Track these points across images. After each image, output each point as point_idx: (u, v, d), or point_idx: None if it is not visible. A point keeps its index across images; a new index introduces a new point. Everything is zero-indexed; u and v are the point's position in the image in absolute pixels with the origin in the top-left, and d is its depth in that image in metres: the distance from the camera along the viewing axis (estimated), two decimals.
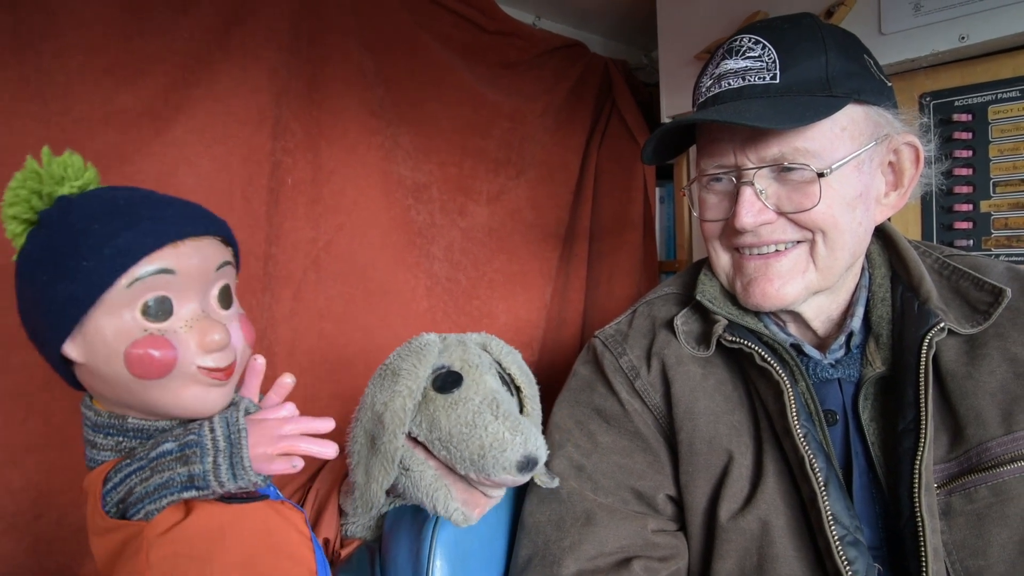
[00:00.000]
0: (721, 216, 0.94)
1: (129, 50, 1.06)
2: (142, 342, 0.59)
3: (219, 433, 0.62)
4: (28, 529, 0.99)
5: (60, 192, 0.62)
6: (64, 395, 1.01)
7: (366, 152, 1.38)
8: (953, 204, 1.28)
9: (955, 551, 0.81)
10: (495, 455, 0.81)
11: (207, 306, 0.64)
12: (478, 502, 0.87)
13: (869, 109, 0.88)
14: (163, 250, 0.60)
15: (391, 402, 0.83)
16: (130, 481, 0.60)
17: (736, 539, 0.88)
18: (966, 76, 1.26)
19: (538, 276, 1.75)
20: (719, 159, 0.91)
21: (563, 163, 1.81)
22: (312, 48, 1.30)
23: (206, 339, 0.62)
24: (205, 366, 0.62)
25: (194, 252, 0.62)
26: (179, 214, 0.63)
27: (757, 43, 0.88)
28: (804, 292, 0.90)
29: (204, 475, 0.60)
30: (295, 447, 0.63)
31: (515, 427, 0.82)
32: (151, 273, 0.59)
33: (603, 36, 2.02)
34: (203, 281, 0.64)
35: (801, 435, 0.85)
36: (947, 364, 0.87)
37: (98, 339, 0.59)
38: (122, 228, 0.59)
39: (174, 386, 0.62)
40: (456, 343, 0.93)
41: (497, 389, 0.88)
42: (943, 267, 0.94)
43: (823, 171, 0.85)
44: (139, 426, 0.64)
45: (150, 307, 0.60)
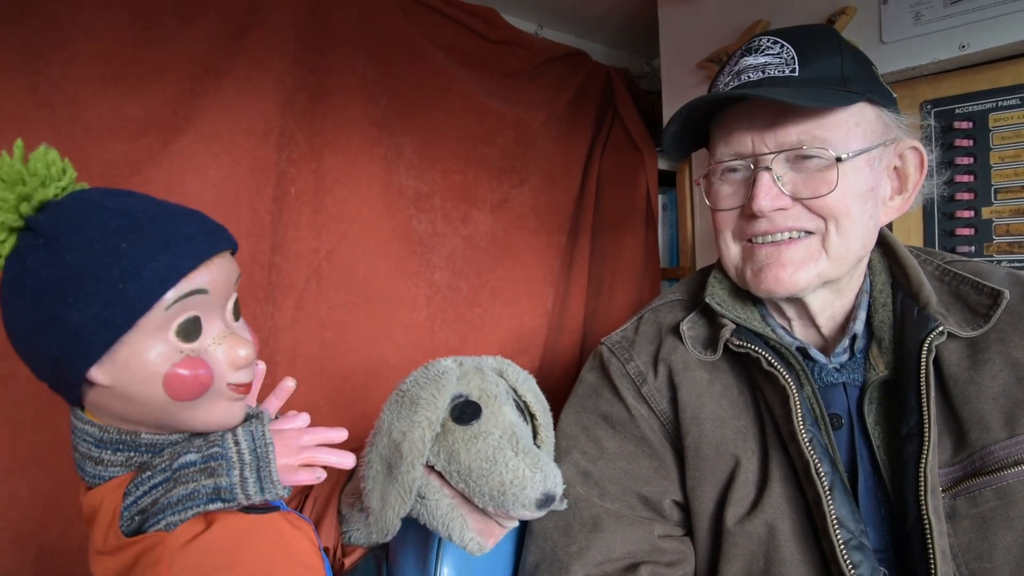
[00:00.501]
0: (736, 204, 0.94)
1: (137, 60, 1.07)
2: (182, 364, 0.59)
3: (244, 446, 0.62)
4: (33, 539, 0.99)
5: (45, 195, 0.59)
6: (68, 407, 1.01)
7: (368, 162, 1.39)
8: (955, 211, 1.29)
9: (961, 554, 0.82)
10: (515, 492, 0.81)
11: (226, 321, 0.64)
12: (493, 532, 0.87)
13: (879, 111, 0.91)
14: (199, 270, 0.59)
15: (410, 432, 0.83)
16: (154, 493, 0.60)
17: (743, 543, 0.88)
18: (967, 84, 1.27)
19: (541, 283, 1.75)
20: (736, 147, 0.93)
21: (566, 170, 1.82)
22: (317, 58, 1.31)
23: (235, 355, 0.62)
24: (234, 382, 0.63)
25: (221, 269, 0.62)
26: (204, 229, 0.62)
27: (776, 43, 0.91)
28: (816, 279, 0.91)
29: (231, 488, 0.60)
30: (316, 458, 0.64)
31: (535, 464, 0.82)
32: (188, 294, 0.58)
33: (605, 45, 2.03)
34: (225, 297, 0.64)
35: (806, 439, 0.85)
36: (949, 368, 0.87)
37: (133, 363, 0.58)
38: (156, 249, 0.57)
39: (206, 405, 0.62)
40: (474, 370, 0.92)
41: (515, 422, 0.87)
42: (943, 273, 0.95)
43: (841, 156, 0.86)
44: (152, 441, 0.63)
45: (185, 328, 0.59)
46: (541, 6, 1.73)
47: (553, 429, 0.95)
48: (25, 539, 0.98)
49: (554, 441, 0.96)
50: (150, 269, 0.56)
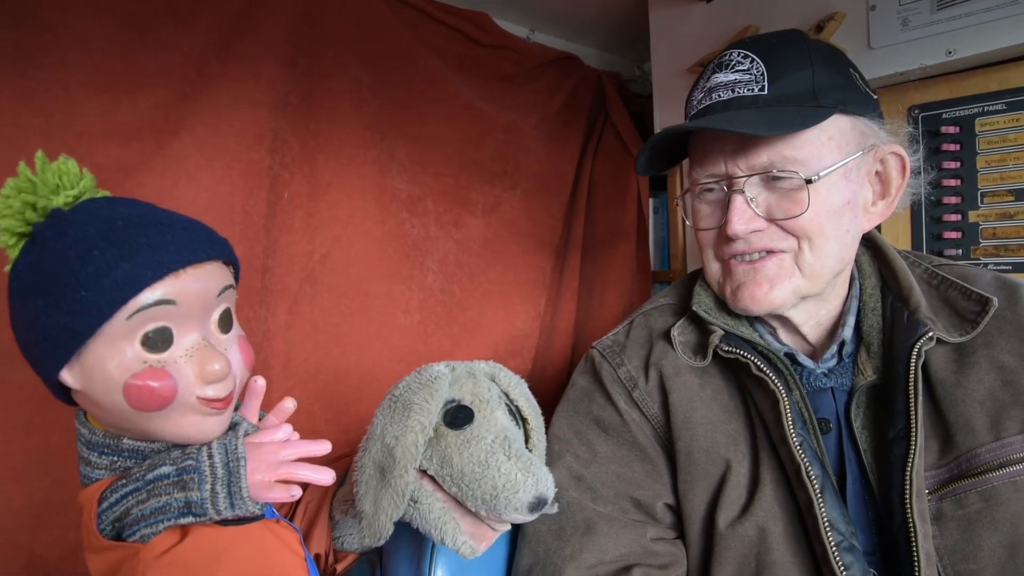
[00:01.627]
0: (714, 225, 0.95)
1: (129, 65, 1.07)
2: (142, 374, 0.58)
3: (217, 460, 0.61)
4: (26, 546, 0.99)
5: (55, 203, 0.60)
6: (65, 413, 1.00)
7: (361, 165, 1.39)
8: (942, 214, 1.30)
9: (947, 556, 0.83)
10: (507, 496, 0.81)
11: (207, 332, 0.63)
12: (485, 535, 0.87)
13: (855, 120, 0.90)
14: (164, 280, 0.59)
15: (403, 437, 0.83)
16: (126, 502, 0.60)
17: (734, 546, 0.89)
18: (953, 89, 1.28)
19: (533, 286, 1.76)
20: (711, 168, 0.93)
21: (558, 174, 1.82)
22: (310, 62, 1.31)
23: (206, 369, 0.61)
24: (205, 396, 0.61)
25: (195, 280, 0.61)
26: (180, 239, 0.61)
27: (746, 57, 0.91)
28: (792, 296, 0.92)
29: (202, 503, 0.59)
30: (293, 474, 0.63)
31: (527, 468, 0.82)
32: (151, 304, 0.58)
33: (596, 49, 2.04)
34: (204, 308, 0.62)
35: (797, 443, 0.86)
36: (937, 372, 0.88)
37: (96, 370, 0.58)
38: (120, 257, 0.57)
39: (174, 416, 0.61)
40: (466, 375, 0.92)
41: (508, 426, 0.88)
42: (932, 277, 0.96)
43: (811, 178, 0.86)
44: (134, 447, 0.63)
45: (150, 338, 0.59)
46: (533, 10, 1.74)
47: (545, 433, 0.96)
48: (17, 546, 0.98)
49: (546, 445, 0.96)
50: (110, 278, 0.56)
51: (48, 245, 0.58)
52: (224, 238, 0.67)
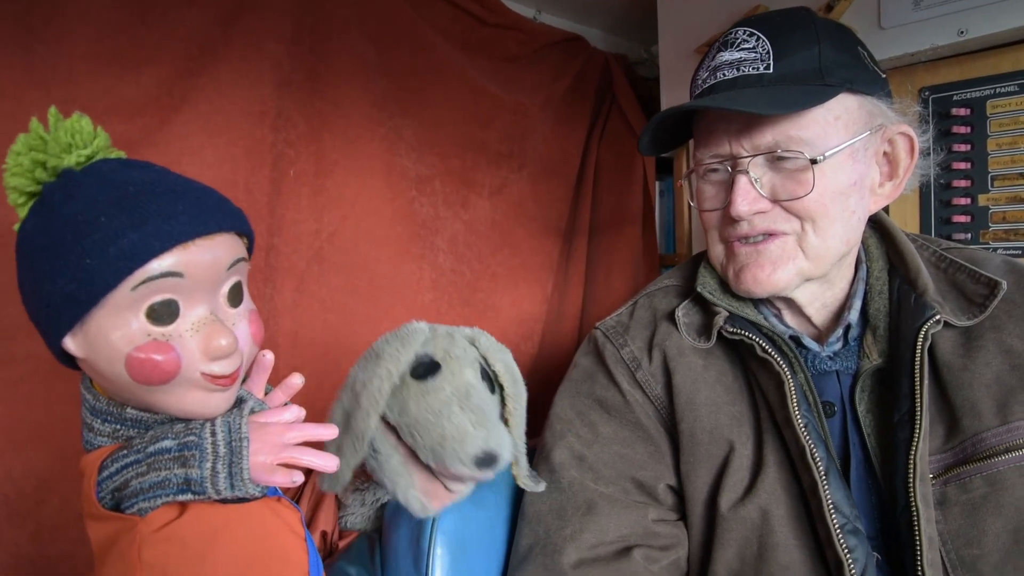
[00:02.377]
0: (718, 206, 0.94)
1: (132, 40, 1.06)
2: (145, 347, 0.56)
3: (220, 438, 0.59)
4: (30, 516, 0.99)
5: (66, 162, 0.59)
6: (65, 384, 1.01)
7: (369, 143, 1.38)
8: (951, 198, 1.29)
9: (950, 540, 0.82)
10: (454, 446, 0.81)
11: (216, 306, 0.61)
12: (437, 493, 0.86)
13: (863, 99, 0.89)
14: (172, 251, 0.56)
15: (369, 383, 0.83)
16: (126, 473, 0.58)
17: (737, 528, 0.89)
18: (965, 71, 1.27)
19: (540, 269, 1.76)
20: (715, 148, 0.92)
21: (564, 157, 1.81)
22: (315, 40, 1.30)
23: (212, 345, 0.59)
24: (209, 372, 0.60)
25: (205, 252, 0.59)
26: (192, 209, 0.59)
27: (752, 35, 0.89)
28: (796, 278, 0.91)
29: (201, 481, 0.58)
30: (296, 459, 0.61)
31: (480, 421, 0.82)
32: (157, 276, 0.56)
33: (603, 30, 2.02)
34: (213, 281, 0.60)
35: (801, 424, 0.86)
36: (943, 356, 0.87)
37: (99, 340, 0.57)
38: (129, 226, 0.55)
39: (177, 391, 0.59)
40: (444, 335, 0.92)
41: (473, 383, 0.87)
42: (940, 260, 0.95)
43: (816, 158, 0.85)
44: (137, 417, 0.62)
45: (155, 310, 0.57)
46: None
47: (525, 405, 0.95)
48: (23, 515, 0.99)
49: (524, 416, 0.96)
50: (117, 247, 0.54)
51: (56, 208, 0.57)
52: (239, 208, 0.65)
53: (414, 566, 0.93)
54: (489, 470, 0.83)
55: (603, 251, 1.90)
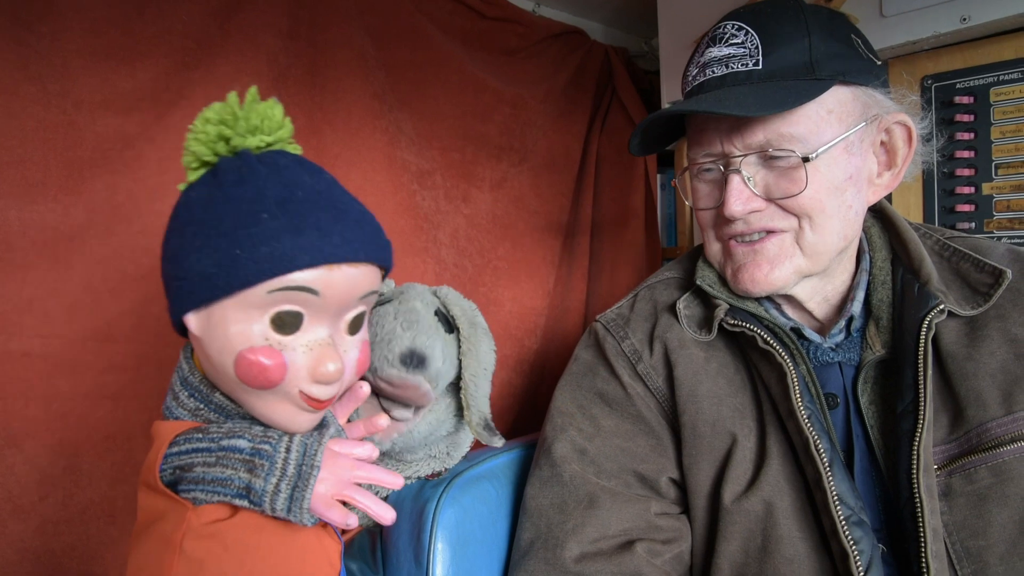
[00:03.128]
0: (713, 204, 0.94)
1: (128, 33, 1.05)
2: (259, 350, 0.57)
3: (293, 457, 0.59)
4: (34, 511, 0.99)
5: (248, 143, 0.60)
6: (65, 381, 1.02)
7: (370, 136, 1.38)
8: (955, 187, 1.28)
9: (956, 532, 0.81)
10: (381, 348, 0.82)
11: (335, 330, 0.62)
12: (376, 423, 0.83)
13: (856, 90, 0.88)
14: (318, 268, 0.57)
15: None
16: (194, 457, 0.59)
17: (740, 521, 0.88)
18: (968, 58, 1.25)
19: (542, 263, 1.75)
20: (707, 148, 0.92)
21: (565, 150, 1.80)
22: (312, 33, 1.29)
23: (320, 368, 0.59)
24: (308, 393, 0.60)
25: (345, 278, 0.59)
26: (348, 233, 0.60)
27: (740, 29, 0.88)
28: (794, 276, 0.90)
29: (262, 493, 0.58)
30: (355, 499, 0.61)
31: (409, 324, 0.83)
32: (296, 287, 0.57)
33: (603, 23, 2.01)
34: (342, 307, 0.61)
35: (805, 416, 0.85)
36: (947, 346, 0.87)
37: (219, 328, 0.57)
38: (285, 231, 0.56)
39: (270, 400, 0.60)
40: (408, 286, 0.95)
41: (419, 309, 0.89)
42: (943, 249, 0.94)
43: (808, 155, 0.84)
44: (222, 404, 0.63)
45: (281, 318, 0.58)
46: None
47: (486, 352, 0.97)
48: (26, 511, 0.99)
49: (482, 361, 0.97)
50: (269, 247, 0.55)
51: (226, 187, 0.58)
52: (389, 241, 0.65)
53: (415, 561, 0.93)
54: (418, 372, 0.83)
55: (605, 244, 1.89)
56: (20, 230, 0.98)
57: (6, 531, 0.97)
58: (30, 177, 0.98)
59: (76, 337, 1.03)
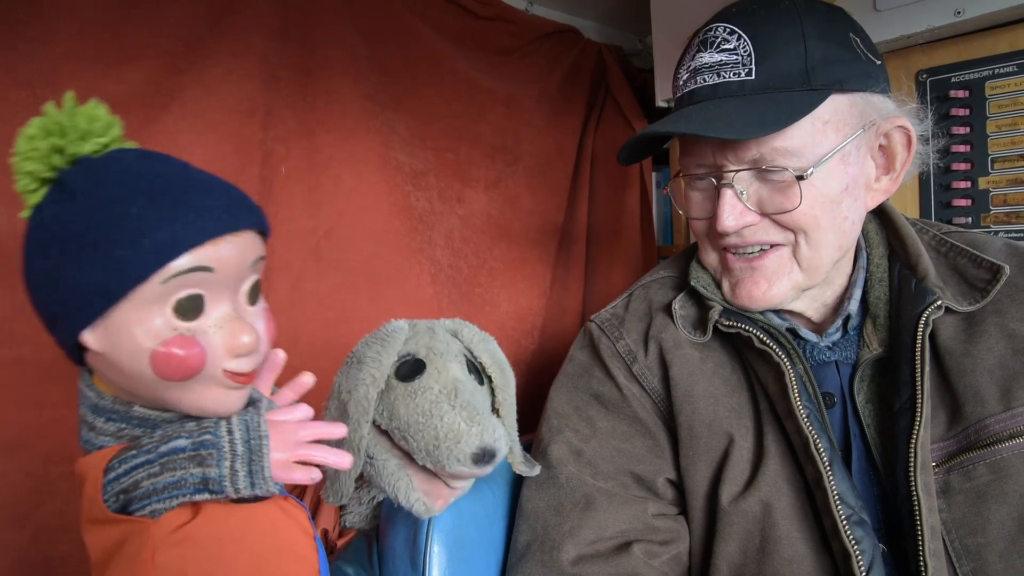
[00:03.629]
0: (706, 215, 0.92)
1: (117, 37, 1.05)
2: (171, 342, 0.55)
3: (238, 436, 0.58)
4: (29, 519, 0.99)
5: (83, 150, 0.57)
6: (56, 387, 1.00)
7: (363, 137, 1.37)
8: (951, 181, 1.28)
9: (954, 529, 0.81)
10: (449, 446, 0.79)
11: (237, 304, 0.61)
12: (440, 493, 0.85)
13: (854, 96, 0.85)
14: (204, 246, 0.56)
15: (354, 391, 0.82)
16: (136, 474, 0.57)
17: (738, 522, 0.87)
18: (963, 52, 1.25)
19: (538, 263, 1.74)
20: (698, 159, 0.90)
21: (559, 150, 1.80)
22: (303, 35, 1.28)
23: (236, 342, 0.58)
24: (231, 370, 0.59)
25: (232, 249, 0.58)
26: (221, 204, 0.58)
27: (732, 33, 0.86)
28: (792, 292, 0.90)
29: (220, 479, 0.57)
30: (312, 456, 0.61)
31: (472, 418, 0.80)
32: (188, 270, 0.55)
33: (596, 22, 2.01)
34: (238, 278, 0.60)
35: (804, 415, 0.84)
36: (945, 342, 0.86)
37: (123, 333, 0.55)
38: (163, 218, 0.54)
39: (197, 388, 0.58)
40: (425, 330, 0.90)
41: (460, 378, 0.86)
42: (940, 244, 0.93)
43: (802, 173, 0.82)
44: (145, 416, 0.61)
45: (183, 305, 0.56)
46: None
47: (514, 392, 0.94)
48: (21, 519, 0.98)
49: (514, 403, 0.95)
50: (151, 238, 0.53)
51: (79, 196, 0.55)
52: (259, 206, 0.64)
53: (411, 564, 0.92)
54: (488, 465, 0.82)
55: (602, 243, 1.89)
56: (11, 235, 0.98)
57: (1, 540, 0.96)
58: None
59: None
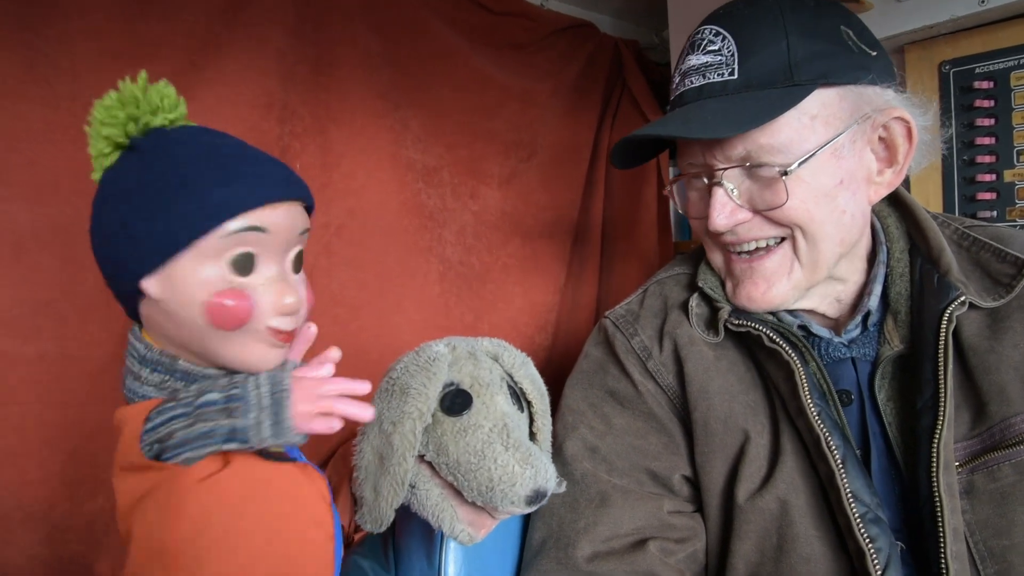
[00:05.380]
0: (703, 214, 0.91)
1: (134, 35, 1.06)
2: (224, 293, 0.61)
3: (264, 390, 0.62)
4: (44, 518, 1.00)
5: (154, 122, 0.63)
6: (78, 386, 1.02)
7: (375, 134, 1.37)
8: (975, 174, 1.25)
9: (978, 531, 0.79)
10: (504, 489, 0.79)
11: (283, 268, 0.66)
12: (484, 523, 0.85)
13: (843, 90, 0.83)
14: (262, 208, 0.62)
15: (400, 424, 0.81)
16: (172, 425, 0.61)
17: (755, 519, 0.86)
18: (987, 42, 1.22)
19: (552, 259, 1.74)
20: (690, 158, 0.90)
21: (575, 145, 1.79)
22: (318, 31, 1.29)
23: (281, 300, 0.64)
24: (273, 327, 0.64)
25: (285, 215, 0.64)
26: (276, 174, 0.65)
27: (717, 35, 0.85)
28: (793, 292, 0.88)
29: (246, 429, 0.60)
30: (334, 408, 0.64)
31: (525, 459, 0.80)
32: (246, 228, 0.61)
33: (612, 16, 1.99)
34: (286, 244, 0.66)
35: (815, 413, 0.83)
36: (968, 339, 0.84)
37: (181, 281, 0.60)
38: (224, 180, 0.61)
39: (241, 340, 0.63)
40: (467, 356, 0.89)
41: (508, 412, 0.85)
42: (963, 238, 0.91)
43: (786, 169, 0.81)
44: (188, 369, 0.65)
45: (238, 260, 0.61)
46: None
47: (551, 414, 0.93)
48: (36, 518, 0.99)
49: (559, 420, 0.94)
50: (217, 195, 0.60)
51: (150, 158, 0.62)
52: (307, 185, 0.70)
53: (427, 560, 0.92)
54: (538, 504, 0.82)
55: (617, 239, 1.88)
56: (32, 232, 0.99)
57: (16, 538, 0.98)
58: (40, 179, 0.99)
59: (91, 340, 1.03)
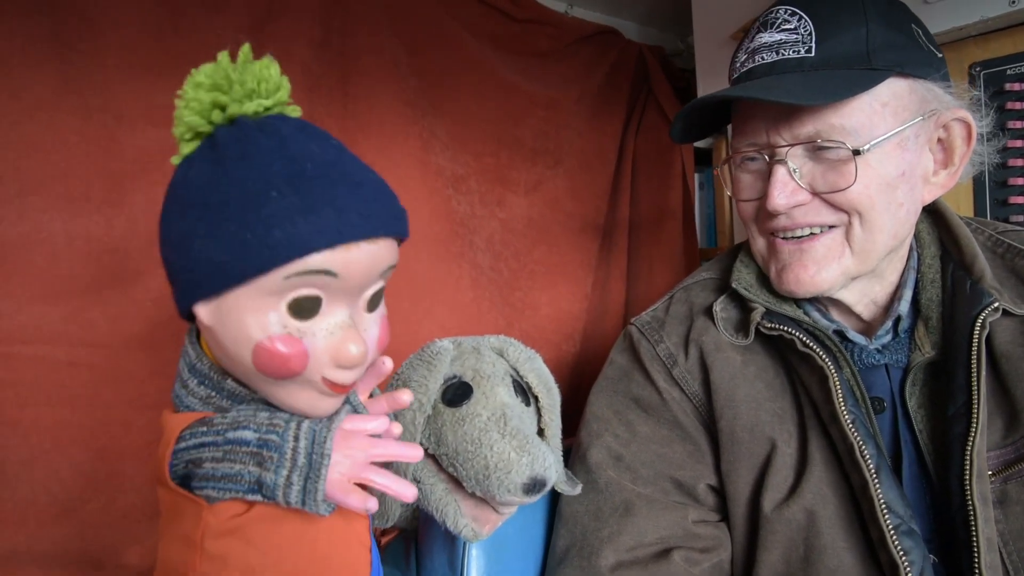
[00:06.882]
0: (755, 196, 0.90)
1: (164, 49, 1.08)
2: (277, 338, 0.53)
3: (302, 446, 0.55)
4: (76, 514, 1.02)
5: (245, 109, 0.55)
6: (108, 389, 1.04)
7: (404, 143, 1.38)
8: (1008, 178, 1.23)
9: (1012, 541, 0.78)
10: (499, 476, 0.78)
11: (355, 310, 0.58)
12: (488, 518, 0.85)
13: (914, 83, 0.83)
14: (335, 249, 0.53)
15: (401, 416, 0.81)
16: (202, 452, 0.56)
17: (781, 530, 0.85)
18: (1018, 43, 1.20)
19: (579, 267, 1.73)
20: (751, 137, 0.88)
21: (600, 152, 1.78)
22: (343, 42, 1.30)
23: (343, 353, 0.56)
24: (331, 379, 0.57)
25: (364, 255, 0.55)
26: (364, 208, 0.55)
27: (793, 15, 0.85)
28: (841, 278, 0.87)
29: (274, 487, 0.55)
30: (372, 480, 0.58)
31: (522, 447, 0.79)
32: (313, 271, 0.53)
33: (637, 22, 1.99)
34: (362, 287, 0.58)
35: (849, 420, 0.82)
36: (1002, 346, 0.82)
37: (233, 317, 0.53)
38: (299, 211, 0.51)
39: (291, 388, 0.57)
40: (470, 350, 0.89)
41: (508, 403, 0.85)
42: (997, 244, 0.90)
43: (859, 148, 0.80)
44: (235, 391, 0.60)
45: (300, 304, 0.54)
46: None
47: (560, 411, 0.93)
48: (68, 514, 1.01)
49: (559, 423, 0.94)
50: (282, 230, 0.51)
51: (228, 164, 0.53)
52: (404, 209, 0.62)
53: (449, 567, 0.93)
54: (538, 494, 0.81)
55: (644, 246, 1.87)
56: (65, 242, 1.01)
57: (49, 533, 0.99)
58: (73, 190, 1.01)
59: (120, 346, 1.05)
